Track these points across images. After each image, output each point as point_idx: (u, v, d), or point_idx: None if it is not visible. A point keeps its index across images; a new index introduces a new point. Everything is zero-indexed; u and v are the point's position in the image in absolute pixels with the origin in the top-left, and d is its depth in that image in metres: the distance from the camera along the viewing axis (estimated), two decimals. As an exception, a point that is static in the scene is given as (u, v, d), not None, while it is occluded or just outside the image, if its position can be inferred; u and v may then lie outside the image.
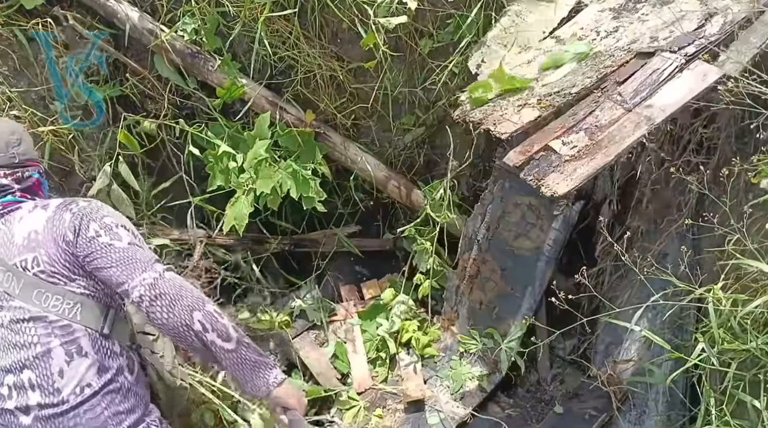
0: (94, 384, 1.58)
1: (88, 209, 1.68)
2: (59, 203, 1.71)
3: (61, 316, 1.59)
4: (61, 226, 1.63)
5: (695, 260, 2.67)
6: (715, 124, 2.63)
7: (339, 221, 3.63)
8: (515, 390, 3.08)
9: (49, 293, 1.59)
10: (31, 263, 1.61)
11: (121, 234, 1.65)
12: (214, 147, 2.94)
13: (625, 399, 2.75)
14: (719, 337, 2.10)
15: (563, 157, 2.25)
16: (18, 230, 1.66)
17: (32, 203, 1.75)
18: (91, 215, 1.65)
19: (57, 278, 1.61)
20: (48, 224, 1.64)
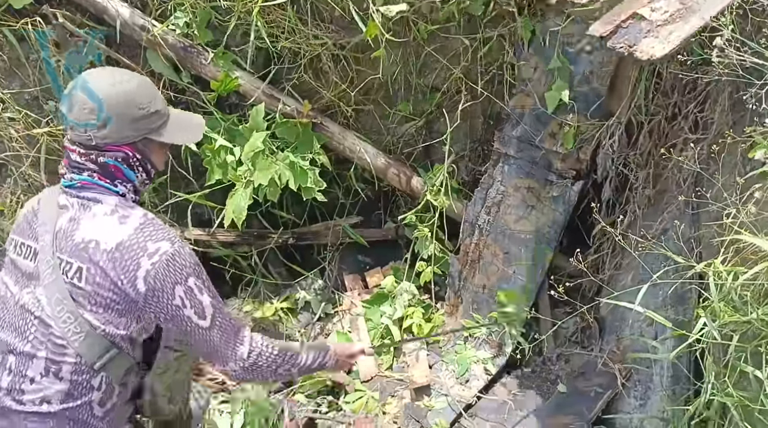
0: (54, 404, 1.53)
1: (173, 266, 1.51)
2: (140, 226, 1.53)
3: (62, 334, 1.51)
4: (131, 269, 1.49)
5: (695, 235, 2.67)
6: (711, 98, 2.63)
7: (341, 211, 3.63)
8: (521, 371, 3.09)
9: (66, 308, 1.51)
10: (74, 273, 1.51)
11: (204, 305, 1.55)
12: (211, 141, 2.94)
13: (629, 375, 2.77)
14: (720, 311, 2.11)
15: (654, 22, 2.25)
16: (84, 228, 1.53)
17: (113, 203, 1.57)
18: (176, 276, 1.51)
19: (86, 301, 1.51)
20: (116, 253, 1.49)
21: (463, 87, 3.10)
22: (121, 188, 1.61)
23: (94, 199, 1.57)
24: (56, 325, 1.52)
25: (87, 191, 1.58)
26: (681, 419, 2.44)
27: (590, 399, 2.76)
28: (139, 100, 1.56)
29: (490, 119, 3.31)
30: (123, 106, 1.54)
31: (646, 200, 2.96)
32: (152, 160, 1.67)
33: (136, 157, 1.62)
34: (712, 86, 2.54)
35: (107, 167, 1.58)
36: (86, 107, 1.52)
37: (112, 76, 1.56)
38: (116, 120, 1.54)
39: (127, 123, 1.56)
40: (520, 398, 2.93)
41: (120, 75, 1.58)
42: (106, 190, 1.59)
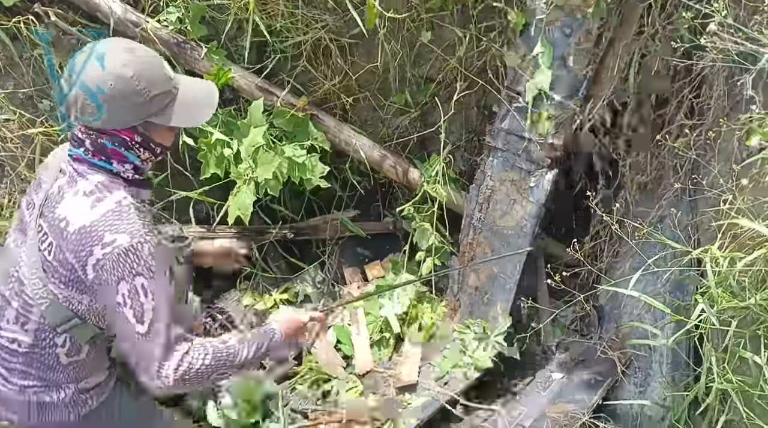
0: (23, 347, 1.63)
1: (123, 261, 1.47)
2: (106, 213, 1.51)
3: (31, 295, 1.58)
4: (84, 255, 1.50)
5: (692, 222, 2.68)
6: (706, 84, 2.63)
7: (338, 204, 3.63)
8: (520, 360, 3.10)
9: (37, 274, 1.56)
10: (46, 245, 1.56)
11: (145, 309, 1.49)
12: (207, 135, 2.93)
13: (629, 363, 2.79)
14: (718, 296, 2.12)
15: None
16: (64, 203, 1.55)
17: (96, 181, 1.56)
18: (124, 272, 1.48)
19: (51, 274, 1.56)
20: (77, 236, 1.51)
21: (458, 77, 3.09)
22: (117, 166, 1.60)
23: (82, 174, 1.57)
24: (28, 285, 1.59)
25: (79, 164, 1.59)
26: (681, 405, 2.46)
27: (590, 387, 2.77)
28: (138, 86, 1.50)
29: (485, 110, 3.30)
30: (119, 95, 1.49)
31: (640, 186, 2.96)
32: (156, 140, 1.64)
33: (136, 140, 1.59)
34: (707, 72, 2.54)
35: (104, 148, 1.57)
36: (79, 99, 1.49)
37: (108, 61, 1.48)
38: (112, 108, 1.50)
39: (125, 110, 1.52)
40: (519, 386, 2.94)
41: (116, 58, 1.49)
42: (97, 167, 1.59)
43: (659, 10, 2.58)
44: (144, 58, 1.53)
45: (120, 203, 1.55)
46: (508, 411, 2.80)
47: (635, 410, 2.64)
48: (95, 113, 1.50)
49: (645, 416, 2.62)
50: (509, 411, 2.80)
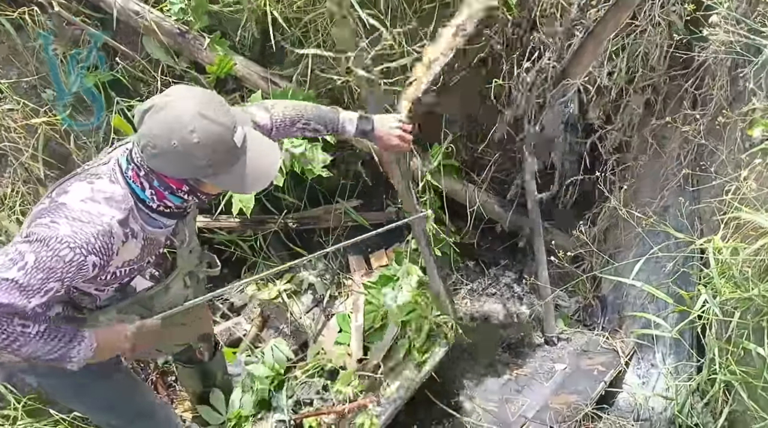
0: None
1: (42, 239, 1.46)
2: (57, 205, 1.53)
3: None
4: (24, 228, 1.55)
5: (695, 211, 2.67)
6: (708, 75, 2.61)
7: (342, 193, 3.63)
8: (523, 350, 3.11)
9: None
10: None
11: (19, 264, 1.44)
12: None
13: (632, 353, 2.78)
14: (721, 287, 2.11)
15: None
16: (75, 184, 1.58)
17: (110, 191, 1.58)
18: (25, 231, 1.51)
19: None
20: (50, 205, 1.54)
21: (458, 66, 3.08)
22: (148, 199, 1.63)
23: (113, 176, 1.60)
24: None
25: (120, 169, 1.62)
26: (684, 396, 2.46)
27: (593, 378, 2.77)
28: (199, 153, 1.49)
29: (487, 99, 3.29)
30: (180, 154, 1.48)
31: (645, 176, 2.94)
32: (204, 191, 1.64)
33: (183, 189, 1.61)
34: (710, 63, 2.52)
35: (150, 184, 1.60)
36: (147, 134, 1.49)
37: (180, 120, 1.47)
38: (169, 162, 1.51)
39: (181, 167, 1.52)
40: (522, 377, 2.94)
41: (188, 120, 1.47)
42: (127, 186, 1.61)
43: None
44: (215, 127, 1.49)
45: (98, 214, 1.53)
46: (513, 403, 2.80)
47: (639, 401, 2.64)
48: (152, 157, 1.51)
49: (648, 406, 2.61)
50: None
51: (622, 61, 2.70)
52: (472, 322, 3.28)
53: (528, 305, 3.36)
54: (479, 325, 3.28)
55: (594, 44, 2.64)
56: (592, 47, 2.66)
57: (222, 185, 1.62)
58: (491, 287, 3.49)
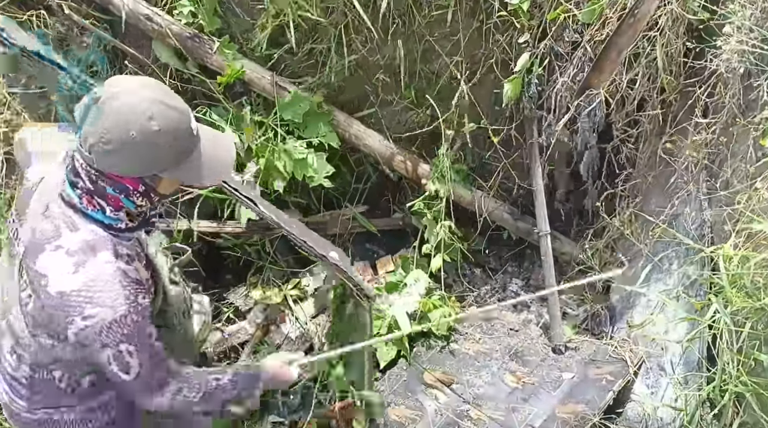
0: (24, 375, 1.61)
1: (105, 333, 1.43)
2: (88, 282, 1.41)
3: (21, 336, 1.55)
4: (63, 322, 1.43)
5: (705, 220, 2.65)
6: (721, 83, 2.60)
7: (352, 198, 3.62)
8: (530, 358, 3.08)
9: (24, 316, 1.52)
10: (26, 295, 1.50)
11: (131, 365, 1.48)
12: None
13: (641, 363, 2.76)
14: (732, 296, 2.09)
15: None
16: (45, 256, 1.44)
17: (81, 239, 1.44)
18: (107, 341, 1.44)
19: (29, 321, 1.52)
20: (56, 300, 1.42)
21: (465, 72, 3.07)
22: (110, 215, 1.48)
23: (69, 225, 1.45)
24: (16, 325, 1.55)
25: (71, 211, 1.47)
26: (693, 406, 2.43)
27: (601, 388, 2.75)
28: (160, 141, 1.37)
29: (495, 105, 3.28)
30: (139, 146, 1.36)
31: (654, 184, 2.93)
32: (159, 191, 1.52)
33: (139, 190, 1.47)
34: (722, 71, 2.51)
35: (104, 192, 1.45)
36: (97, 130, 1.35)
37: (136, 109, 1.35)
38: (126, 157, 1.37)
39: (139, 161, 1.39)
40: (529, 385, 2.92)
41: (145, 107, 1.35)
42: (89, 218, 1.47)
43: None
44: (173, 113, 1.39)
45: (104, 270, 1.44)
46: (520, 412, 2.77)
47: (648, 411, 2.61)
48: (106, 157, 1.37)
49: (656, 417, 2.59)
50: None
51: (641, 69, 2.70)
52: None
53: (535, 313, 3.34)
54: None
55: (615, 53, 2.64)
56: (614, 56, 2.66)
57: (181, 177, 1.50)
58: (498, 294, 3.47)
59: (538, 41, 2.93)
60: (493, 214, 3.35)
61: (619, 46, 2.65)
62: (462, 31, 3.03)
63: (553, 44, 2.88)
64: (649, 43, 2.70)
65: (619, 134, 3.00)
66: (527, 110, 3.06)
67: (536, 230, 3.18)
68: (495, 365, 3.05)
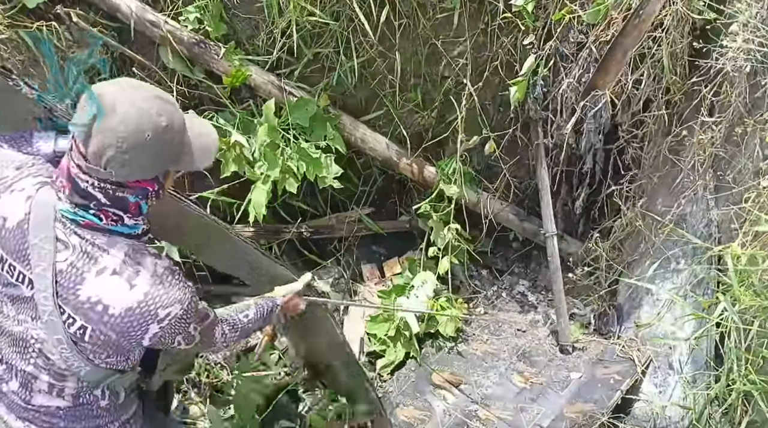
0: (64, 408, 1.59)
1: (180, 325, 1.48)
2: (150, 289, 1.42)
3: (65, 366, 1.50)
4: (139, 334, 1.44)
5: (713, 219, 2.66)
6: (727, 82, 2.60)
7: (358, 201, 3.64)
8: (538, 359, 3.09)
9: (68, 349, 1.47)
10: (77, 329, 1.44)
11: (194, 337, 1.58)
12: (226, 134, 2.96)
13: (648, 362, 2.76)
14: (740, 294, 2.10)
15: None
16: (89, 285, 1.41)
17: (122, 255, 1.42)
18: (181, 328, 1.50)
19: (88, 349, 1.48)
20: (124, 318, 1.42)
21: (471, 74, 3.09)
22: (130, 223, 1.46)
23: (100, 247, 1.42)
24: (58, 358, 1.50)
25: (92, 234, 1.42)
26: (702, 405, 2.43)
27: (609, 387, 2.75)
28: (169, 135, 1.38)
29: (500, 106, 3.29)
30: (155, 145, 1.35)
31: (661, 184, 2.93)
32: (166, 186, 1.52)
33: (155, 190, 1.47)
34: (728, 70, 2.51)
35: (126, 203, 1.42)
36: (110, 141, 1.31)
37: (141, 108, 1.33)
38: (145, 160, 1.36)
39: (156, 160, 1.39)
40: (537, 385, 2.93)
41: (149, 105, 1.35)
42: (115, 234, 1.44)
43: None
44: (170, 106, 1.40)
45: (155, 272, 1.45)
46: (528, 412, 2.78)
47: (656, 410, 2.62)
48: (126, 166, 1.34)
49: (665, 416, 2.59)
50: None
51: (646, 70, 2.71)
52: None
53: (542, 313, 3.35)
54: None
55: (620, 54, 2.65)
56: (619, 56, 2.67)
57: (183, 167, 1.50)
58: (505, 295, 3.48)
59: (543, 42, 2.95)
60: (499, 215, 3.36)
61: (625, 47, 2.66)
62: (467, 33, 3.05)
63: (558, 45, 2.89)
64: (654, 43, 2.71)
65: (624, 134, 3.02)
66: (533, 112, 3.07)
67: (542, 231, 3.19)
68: (503, 365, 3.07)
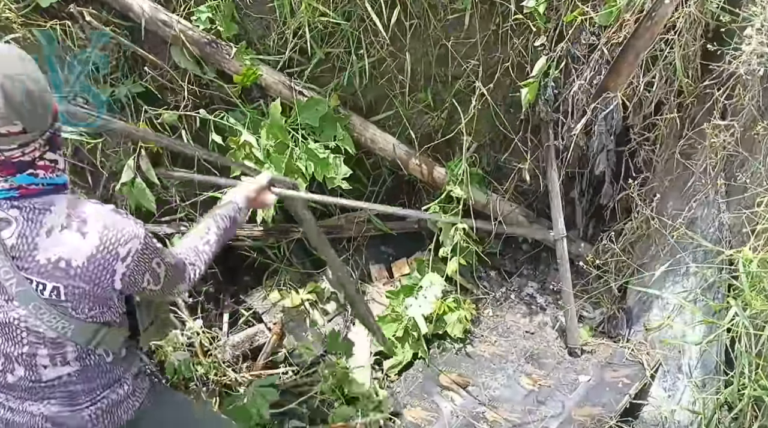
0: (73, 373, 1.62)
1: (143, 259, 1.52)
2: (103, 231, 1.45)
3: (55, 332, 1.52)
4: (107, 277, 1.48)
5: (724, 223, 2.64)
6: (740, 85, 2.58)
7: (368, 200, 3.63)
8: (546, 361, 3.08)
9: (49, 314, 1.49)
10: (50, 291, 1.47)
11: (160, 274, 1.60)
12: (236, 133, 2.97)
13: (658, 366, 2.75)
14: (751, 299, 2.08)
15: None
16: (43, 247, 1.43)
17: (64, 207, 1.45)
18: (146, 266, 1.54)
19: (68, 308, 1.50)
20: (88, 266, 1.45)
21: (482, 76, 3.08)
22: (63, 177, 1.50)
23: (42, 210, 1.44)
24: (46, 328, 1.52)
25: (28, 201, 1.44)
26: (711, 410, 2.42)
27: (617, 390, 2.74)
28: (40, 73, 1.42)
29: (511, 107, 3.29)
30: (44, 83, 1.41)
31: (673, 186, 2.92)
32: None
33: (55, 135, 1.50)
34: (742, 73, 2.50)
35: (56, 161, 1.47)
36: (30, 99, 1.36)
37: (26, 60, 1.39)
38: (47, 103, 1.41)
39: (51, 102, 1.44)
40: (545, 388, 2.92)
41: (23, 60, 1.39)
42: (51, 193, 1.46)
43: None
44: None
45: (104, 216, 1.48)
46: (536, 415, 2.78)
47: (664, 414, 2.61)
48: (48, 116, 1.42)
49: (673, 420, 2.58)
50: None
51: (658, 72, 2.70)
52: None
53: (551, 315, 3.34)
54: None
55: (632, 56, 2.64)
56: (631, 58, 2.66)
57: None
58: (514, 297, 3.48)
59: (554, 44, 2.94)
60: (509, 217, 3.36)
61: (637, 49, 2.65)
62: (478, 34, 3.04)
63: (570, 47, 2.88)
64: (666, 45, 2.70)
65: (636, 137, 3.00)
66: (543, 113, 3.06)
67: (552, 233, 3.18)
68: (511, 367, 3.06)
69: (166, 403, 1.90)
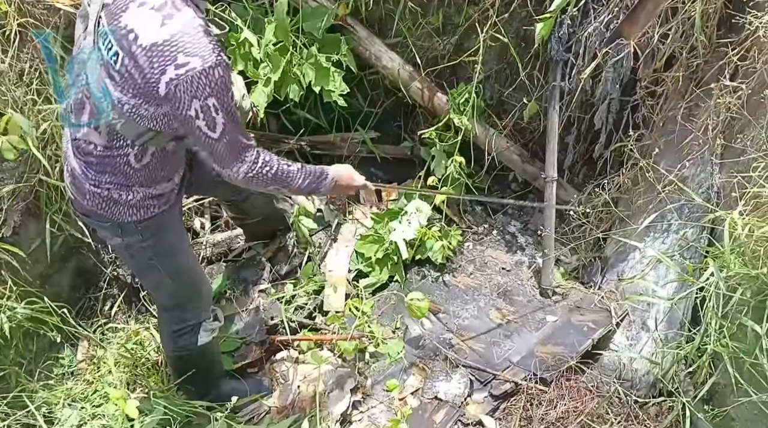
0: (97, 149, 1.74)
1: (196, 83, 1.54)
2: (178, 33, 1.53)
3: (98, 106, 1.65)
4: (157, 72, 1.53)
5: (714, 185, 2.65)
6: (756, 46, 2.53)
7: (363, 121, 3.57)
8: (517, 298, 3.14)
9: (100, 80, 1.61)
10: (112, 54, 1.58)
11: (217, 122, 1.61)
12: (237, 29, 2.85)
13: (624, 316, 2.81)
14: (731, 261, 2.12)
15: None
16: (129, 14, 1.56)
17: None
18: (196, 92, 1.55)
19: (117, 81, 1.59)
20: (147, 52, 1.53)
21: (497, 4, 2.97)
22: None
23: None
24: (95, 88, 1.64)
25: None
26: (670, 362, 2.50)
27: (582, 333, 2.81)
28: None
29: (523, 41, 3.19)
30: None
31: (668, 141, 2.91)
32: None
33: None
34: (761, 35, 2.44)
35: None
36: None
37: None
38: None
39: None
40: (513, 323, 2.99)
41: None
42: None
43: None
44: None
45: (190, 23, 1.55)
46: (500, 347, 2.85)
47: (623, 361, 2.69)
48: None
49: (631, 368, 2.67)
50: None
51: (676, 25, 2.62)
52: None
53: (529, 255, 3.38)
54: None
55: (653, 4, 2.55)
56: (651, 7, 2.57)
57: None
58: (496, 233, 3.50)
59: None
60: (503, 154, 3.33)
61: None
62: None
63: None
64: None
65: (641, 91, 2.95)
66: (554, 52, 2.97)
67: (543, 175, 3.17)
68: (483, 300, 3.12)
69: (166, 235, 1.99)
